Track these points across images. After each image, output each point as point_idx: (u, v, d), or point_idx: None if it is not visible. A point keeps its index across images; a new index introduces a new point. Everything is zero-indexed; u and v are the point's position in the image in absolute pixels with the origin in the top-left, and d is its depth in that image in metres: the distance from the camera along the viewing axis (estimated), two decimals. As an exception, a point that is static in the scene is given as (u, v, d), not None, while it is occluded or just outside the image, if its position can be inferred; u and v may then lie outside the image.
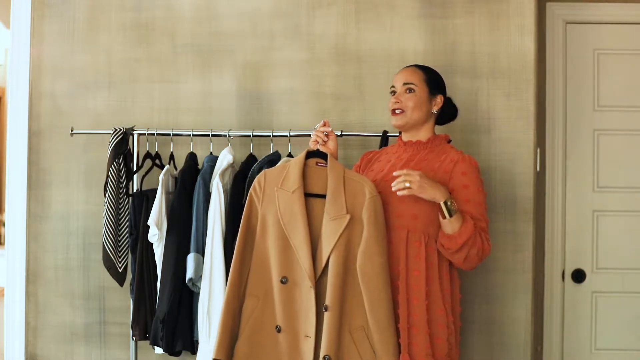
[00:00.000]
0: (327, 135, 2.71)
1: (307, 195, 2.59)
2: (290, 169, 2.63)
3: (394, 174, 2.52)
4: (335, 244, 2.50)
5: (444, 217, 2.51)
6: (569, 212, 3.73)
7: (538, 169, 3.42)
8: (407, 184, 2.48)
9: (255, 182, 2.67)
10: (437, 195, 2.50)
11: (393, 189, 2.50)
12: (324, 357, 2.46)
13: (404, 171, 2.51)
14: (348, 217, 2.51)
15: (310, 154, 2.66)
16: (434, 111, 2.75)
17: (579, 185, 3.74)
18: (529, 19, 3.18)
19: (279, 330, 2.55)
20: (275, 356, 2.55)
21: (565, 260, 3.74)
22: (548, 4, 3.69)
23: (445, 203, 2.49)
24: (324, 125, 2.73)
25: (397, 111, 2.72)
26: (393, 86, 2.76)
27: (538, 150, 3.38)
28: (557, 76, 3.71)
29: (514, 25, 3.19)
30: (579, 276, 3.73)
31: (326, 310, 2.48)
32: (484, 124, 3.19)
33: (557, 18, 3.71)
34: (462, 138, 3.17)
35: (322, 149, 2.69)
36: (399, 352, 2.50)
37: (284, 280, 2.55)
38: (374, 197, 2.54)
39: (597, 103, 3.74)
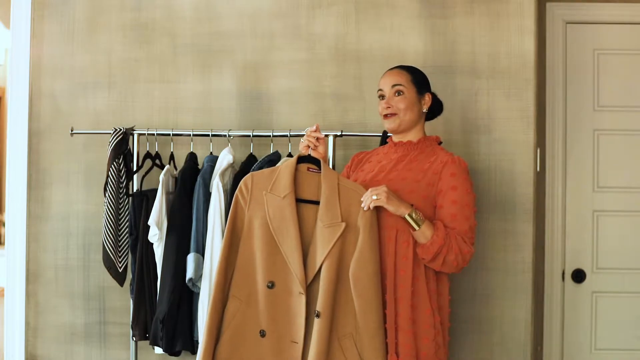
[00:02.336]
0: (317, 140, 2.69)
1: (298, 200, 2.57)
2: (280, 173, 2.60)
3: (362, 199, 2.52)
4: (330, 251, 2.49)
5: (414, 230, 2.52)
6: (569, 212, 3.73)
7: (538, 169, 3.42)
8: (375, 197, 2.49)
9: (241, 184, 2.64)
10: (401, 208, 2.51)
11: (363, 206, 2.52)
12: None
13: (369, 190, 2.52)
14: (343, 225, 2.50)
15: (301, 159, 2.64)
16: (424, 110, 2.75)
17: (579, 185, 3.74)
18: (529, 19, 3.18)
19: (262, 334, 2.53)
20: None
21: (565, 260, 3.74)
22: (548, 4, 3.69)
23: (410, 215, 2.51)
24: (316, 129, 2.69)
25: (389, 115, 2.71)
26: (381, 89, 2.75)
27: (538, 150, 3.38)
28: (557, 76, 3.71)
29: (514, 25, 3.19)
30: (579, 276, 3.73)
31: (318, 316, 2.46)
32: (484, 124, 3.19)
33: (557, 18, 3.71)
34: (462, 138, 3.17)
35: (313, 154, 2.67)
36: (387, 358, 2.51)
37: (269, 285, 2.52)
38: None
39: (597, 103, 3.73)
